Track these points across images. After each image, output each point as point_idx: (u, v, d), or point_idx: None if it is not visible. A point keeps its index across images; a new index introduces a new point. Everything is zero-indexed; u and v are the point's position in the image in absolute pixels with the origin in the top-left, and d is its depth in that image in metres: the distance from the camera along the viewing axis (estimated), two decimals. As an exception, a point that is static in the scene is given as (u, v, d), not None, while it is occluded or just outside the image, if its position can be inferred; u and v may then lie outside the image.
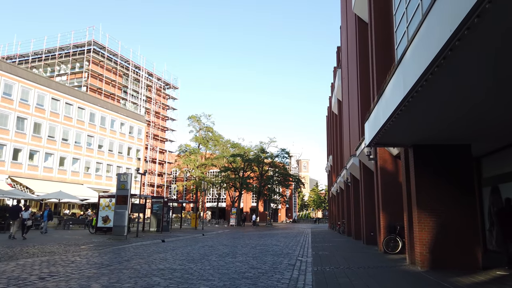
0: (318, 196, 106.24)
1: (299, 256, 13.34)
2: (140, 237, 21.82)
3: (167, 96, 69.54)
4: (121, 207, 19.99)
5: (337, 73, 32.07)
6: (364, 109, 19.13)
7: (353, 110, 22.81)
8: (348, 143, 25.56)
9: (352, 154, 21.09)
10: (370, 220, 18.31)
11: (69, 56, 53.58)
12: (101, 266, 9.82)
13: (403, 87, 6.53)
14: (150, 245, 16.84)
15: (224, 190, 72.27)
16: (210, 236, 25.80)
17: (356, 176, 22.65)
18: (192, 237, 24.03)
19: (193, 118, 57.91)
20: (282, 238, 24.17)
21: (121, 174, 20.56)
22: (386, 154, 14.36)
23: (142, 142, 55.59)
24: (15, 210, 19.62)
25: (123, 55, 57.79)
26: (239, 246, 16.60)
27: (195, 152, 57.64)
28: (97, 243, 17.04)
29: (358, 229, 22.09)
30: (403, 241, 13.58)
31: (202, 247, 16.25)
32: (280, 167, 58.88)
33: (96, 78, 53.88)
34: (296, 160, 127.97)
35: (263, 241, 20.74)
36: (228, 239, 22.38)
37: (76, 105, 44.29)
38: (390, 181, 14.19)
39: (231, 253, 13.60)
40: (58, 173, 41.68)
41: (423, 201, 9.57)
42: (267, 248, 16.15)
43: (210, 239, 22.44)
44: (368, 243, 18.21)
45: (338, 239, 23.46)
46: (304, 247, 17.40)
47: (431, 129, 8.55)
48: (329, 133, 48.73)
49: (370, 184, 18.55)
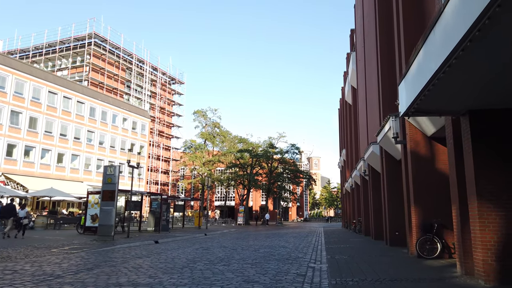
0: (330, 194, 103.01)
1: (311, 261, 10.69)
2: (132, 237, 19.40)
3: (173, 91, 67.33)
4: (107, 204, 17.56)
5: (351, 57, 29.25)
6: (385, 89, 16.37)
7: (372, 92, 20.03)
8: (365, 131, 22.77)
9: (371, 141, 18.31)
10: (395, 217, 15.55)
11: (69, 49, 51.70)
12: (45, 278, 7.32)
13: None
14: (136, 248, 14.37)
15: (232, 188, 69.94)
16: (212, 236, 23.30)
17: (376, 167, 19.87)
18: (192, 238, 21.56)
19: (198, 113, 55.51)
20: (291, 238, 21.51)
21: (107, 167, 18.13)
22: (418, 134, 11.59)
23: (146, 138, 53.41)
24: (9, 209, 18.26)
25: (126, 49, 55.78)
26: (239, 249, 14.00)
27: (201, 148, 55.22)
28: (76, 246, 14.64)
29: (379, 228, 19.32)
30: (443, 243, 10.82)
31: (196, 249, 13.71)
32: (290, 163, 56.15)
33: (98, 72, 51.87)
34: (307, 158, 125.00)
35: (270, 242, 18.10)
36: (231, 239, 19.82)
37: (75, 99, 42.23)
38: (424, 169, 11.42)
39: (226, 258, 11.02)
40: (56, 170, 39.67)
41: (486, 189, 6.83)
42: (273, 250, 13.52)
43: (210, 239, 19.92)
44: (392, 244, 15.45)
45: (355, 239, 20.71)
46: (317, 249, 14.74)
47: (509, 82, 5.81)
48: (342, 126, 45.82)
49: (395, 174, 15.77)
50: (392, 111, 13.41)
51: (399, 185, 15.44)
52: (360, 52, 24.54)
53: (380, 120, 16.76)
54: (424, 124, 10.93)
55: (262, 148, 54.11)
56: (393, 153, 15.56)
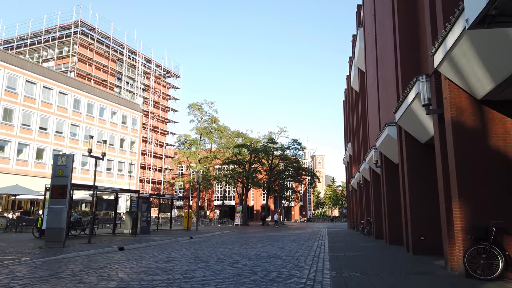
0: (334, 193, 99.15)
1: (308, 283, 7.17)
2: (94, 243, 15.93)
3: (168, 85, 63.88)
4: (57, 202, 14.05)
5: (358, 35, 25.64)
6: (405, 53, 12.83)
7: (386, 65, 16.47)
8: (377, 116, 19.21)
9: (386, 123, 14.71)
10: (420, 218, 12.01)
11: (55, 39, 48.40)
12: None
13: None
14: (85, 258, 10.92)
15: (230, 187, 66.41)
16: (196, 240, 19.84)
17: (391, 156, 16.30)
18: (172, 242, 18.15)
19: (193, 106, 52.01)
20: (289, 242, 17.94)
21: (58, 156, 14.61)
22: (462, 98, 8.00)
23: (137, 133, 49.98)
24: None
25: (116, 38, 52.37)
26: (212, 262, 10.45)
27: (196, 144, 51.67)
28: (11, 255, 11.18)
29: (395, 230, 15.76)
30: (506, 256, 7.22)
31: (156, 262, 10.21)
32: (292, 160, 52.53)
33: (85, 63, 48.49)
34: (311, 156, 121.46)
35: (259, 249, 14.54)
36: (213, 245, 16.31)
37: (57, 90, 38.86)
38: (473, 147, 7.85)
39: (181, 279, 7.50)
40: (35, 167, 36.33)
41: None
42: (257, 263, 9.97)
43: (189, 245, 16.47)
44: (417, 253, 11.87)
45: (366, 244, 17.12)
46: (318, 259, 11.20)
47: None
48: (347, 118, 42.17)
49: (419, 162, 12.23)
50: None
51: (427, 175, 11.88)
52: (369, 22, 20.95)
53: (399, 94, 13.20)
54: (475, 79, 7.34)
55: (262, 144, 50.51)
56: (418, 133, 11.97)
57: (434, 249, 11.65)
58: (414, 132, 12.13)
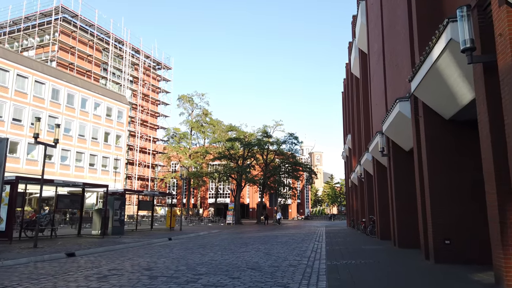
0: (333, 190, 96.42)
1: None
2: (42, 247, 13.14)
3: (159, 77, 60.89)
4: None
5: (360, 8, 22.78)
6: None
7: (395, 34, 13.69)
8: (383, 96, 16.45)
9: (397, 98, 11.89)
10: (444, 215, 9.24)
11: (36, 27, 45.37)
12: None
13: None
14: (5, 270, 8.11)
15: (225, 184, 63.68)
16: (173, 242, 17.09)
17: (402, 142, 13.55)
18: (144, 245, 15.47)
19: (183, 98, 48.99)
20: (279, 245, 15.15)
21: (-11, 140, 11.82)
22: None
23: (123, 127, 47.03)
24: None
25: (101, 26, 49.36)
26: (162, 278, 7.63)
27: (186, 138, 48.74)
28: None
29: (407, 232, 13.05)
30: None
31: (93, 275, 7.39)
32: (288, 155, 49.73)
33: (67, 51, 45.49)
34: (308, 153, 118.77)
35: (238, 255, 11.72)
36: (187, 250, 13.51)
37: (33, 78, 35.92)
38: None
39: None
40: (8, 162, 33.37)
41: None
42: (226, 279, 7.14)
43: (162, 248, 13.73)
44: (440, 261, 9.11)
45: (371, 247, 14.33)
46: (312, 270, 8.43)
47: None
48: (347, 109, 39.41)
49: (445, 142, 9.46)
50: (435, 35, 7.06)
51: (455, 160, 9.12)
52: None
53: (413, 59, 10.41)
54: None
55: (256, 138, 47.61)
56: (444, 104, 9.18)
57: (462, 256, 8.95)
58: (438, 104, 9.33)
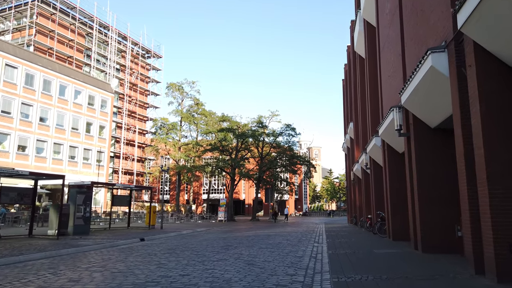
0: (332, 186, 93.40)
1: None
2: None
3: (148, 66, 57.54)
4: None
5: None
6: None
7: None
8: (400, 62, 13.26)
9: (430, 48, 8.69)
10: (508, 214, 6.08)
11: (12, 9, 41.96)
12: None
13: None
14: None
15: (217, 178, 60.63)
16: (143, 244, 14.03)
17: (428, 116, 10.41)
18: (106, 247, 12.36)
19: (172, 86, 45.66)
20: (268, 250, 12.00)
21: None
22: None
23: (107, 117, 43.72)
24: None
25: (84, 9, 45.91)
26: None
27: (175, 129, 45.44)
28: None
29: (436, 232, 9.94)
30: None
31: None
32: (285, 148, 46.59)
33: (46, 35, 42.11)
34: (307, 148, 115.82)
35: (209, 267, 8.55)
36: (149, 256, 10.35)
37: (3, 62, 32.60)
38: None
39: None
40: (-26, 153, 30.21)
41: None
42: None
43: (118, 253, 10.60)
44: (504, 279, 5.96)
45: (385, 251, 11.18)
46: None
47: None
48: (348, 96, 36.21)
49: (504, 105, 6.28)
50: None
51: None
52: None
53: None
54: None
55: (250, 128, 44.40)
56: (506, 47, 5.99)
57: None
58: (500, 52, 6.14)
